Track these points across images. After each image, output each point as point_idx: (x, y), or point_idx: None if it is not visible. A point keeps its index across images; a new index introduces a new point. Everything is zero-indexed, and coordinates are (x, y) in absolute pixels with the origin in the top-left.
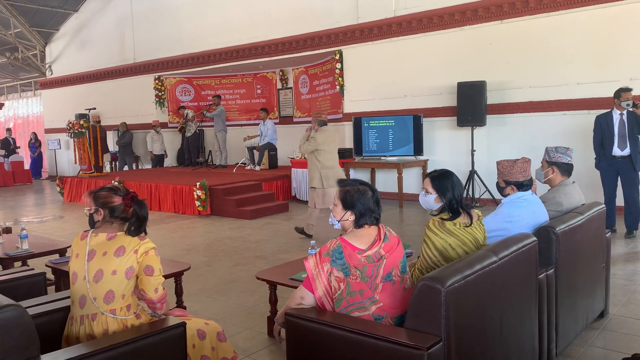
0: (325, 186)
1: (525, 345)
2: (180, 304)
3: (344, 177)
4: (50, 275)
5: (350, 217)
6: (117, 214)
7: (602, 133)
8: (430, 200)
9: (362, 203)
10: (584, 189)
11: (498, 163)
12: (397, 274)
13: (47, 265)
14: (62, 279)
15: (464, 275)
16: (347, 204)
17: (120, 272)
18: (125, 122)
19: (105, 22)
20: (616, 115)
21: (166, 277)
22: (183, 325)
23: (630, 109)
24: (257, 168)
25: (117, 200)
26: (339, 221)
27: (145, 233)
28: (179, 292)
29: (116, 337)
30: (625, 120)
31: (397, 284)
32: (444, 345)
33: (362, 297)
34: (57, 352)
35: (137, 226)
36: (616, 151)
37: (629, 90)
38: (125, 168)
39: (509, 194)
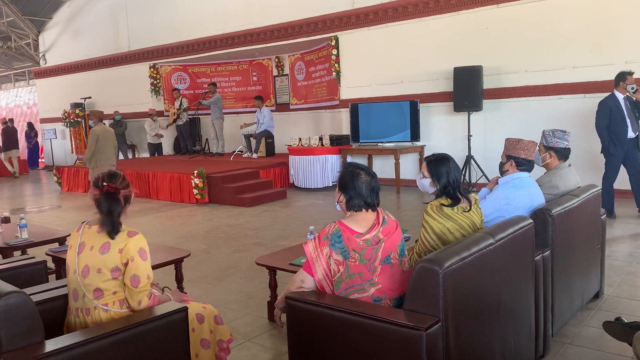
0: (98, 166)
1: (521, 325)
2: (180, 291)
3: (114, 159)
4: (50, 264)
5: (343, 199)
6: (97, 206)
7: (612, 117)
8: (425, 183)
9: (353, 186)
10: (579, 172)
11: (506, 139)
12: (395, 257)
13: (47, 254)
14: (62, 267)
15: (462, 257)
16: (340, 186)
17: (105, 270)
18: (118, 111)
19: (98, 9)
20: (620, 98)
21: (166, 264)
22: (185, 309)
23: (633, 93)
24: (255, 156)
25: (96, 192)
26: (337, 202)
27: (115, 230)
28: (179, 278)
29: (119, 322)
30: (629, 103)
31: (396, 266)
32: (442, 325)
33: (361, 279)
34: (61, 338)
35: (108, 223)
36: (630, 134)
37: (631, 73)
38: (120, 157)
39: (507, 170)
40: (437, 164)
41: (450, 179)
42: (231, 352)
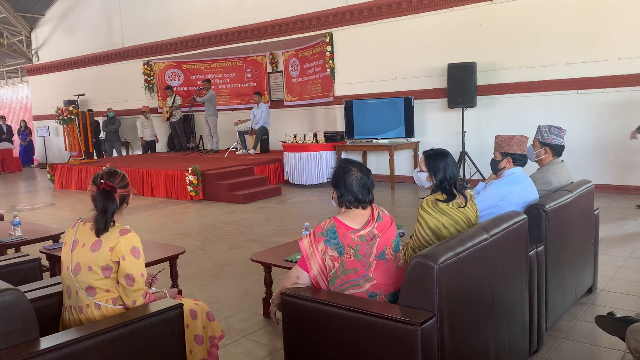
0: None
1: (515, 320)
2: (175, 288)
3: None
4: (44, 262)
5: (335, 195)
6: (93, 203)
7: None
8: (422, 177)
9: (344, 182)
10: (571, 168)
11: (496, 137)
12: (390, 253)
13: (41, 252)
14: (56, 264)
15: (456, 253)
16: (333, 182)
17: (96, 268)
18: (111, 108)
19: (91, 6)
20: None
21: (161, 261)
22: (180, 306)
23: None
24: (252, 152)
25: (93, 188)
26: (332, 198)
27: (104, 229)
28: (174, 275)
29: (115, 319)
30: None
31: (390, 262)
32: (437, 320)
33: (356, 275)
34: (57, 335)
35: (101, 221)
36: None
37: None
38: (114, 154)
39: (504, 167)
40: (435, 158)
41: (447, 175)
42: (227, 348)
